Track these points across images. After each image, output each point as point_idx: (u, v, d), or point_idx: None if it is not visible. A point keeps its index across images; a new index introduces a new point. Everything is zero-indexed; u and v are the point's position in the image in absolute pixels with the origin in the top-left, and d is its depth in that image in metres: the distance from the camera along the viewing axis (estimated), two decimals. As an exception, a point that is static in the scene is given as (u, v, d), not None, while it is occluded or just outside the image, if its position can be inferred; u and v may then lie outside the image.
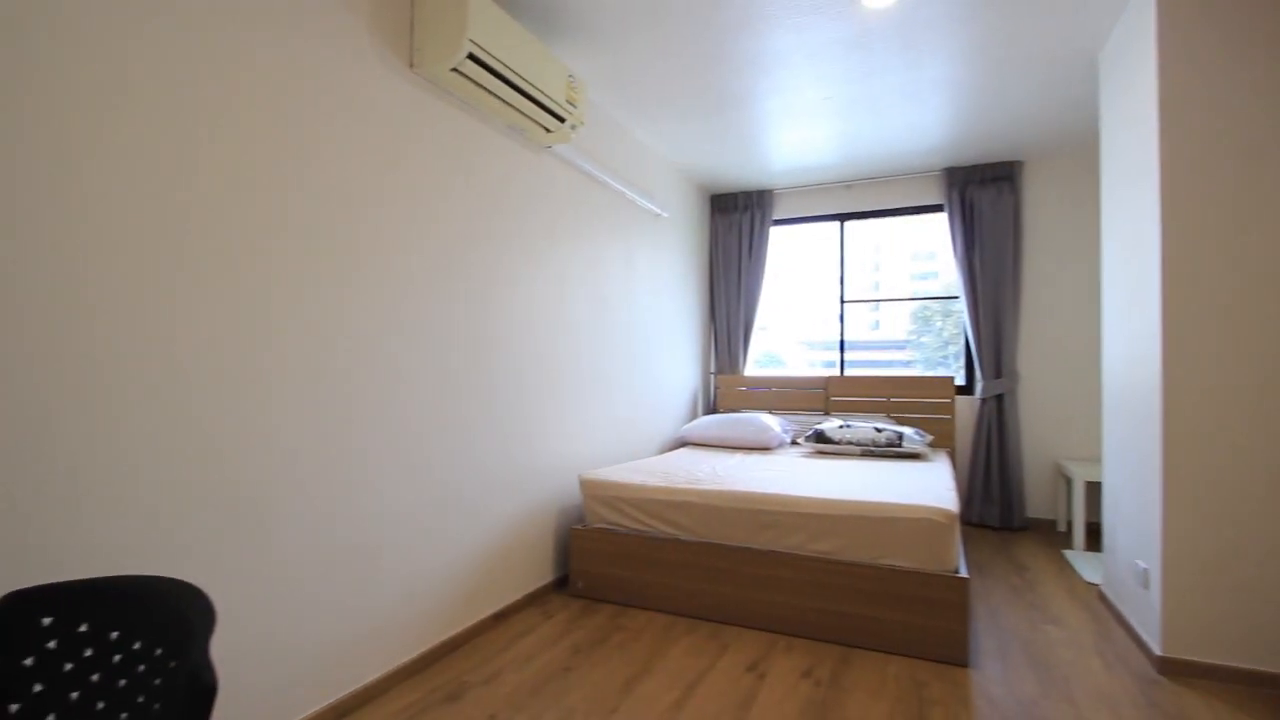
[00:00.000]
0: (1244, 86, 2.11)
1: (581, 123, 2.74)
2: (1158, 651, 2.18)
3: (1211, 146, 2.15)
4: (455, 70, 2.16)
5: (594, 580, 2.83)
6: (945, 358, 4.74)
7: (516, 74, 2.32)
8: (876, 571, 2.34)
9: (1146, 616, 2.30)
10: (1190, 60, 2.17)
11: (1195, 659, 2.13)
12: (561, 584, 3.02)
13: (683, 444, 4.39)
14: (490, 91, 2.33)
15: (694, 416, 4.80)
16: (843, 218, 4.83)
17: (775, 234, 5.06)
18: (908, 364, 4.92)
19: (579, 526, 2.90)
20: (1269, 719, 1.89)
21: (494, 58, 2.19)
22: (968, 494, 4.26)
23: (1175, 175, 2.18)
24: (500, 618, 2.60)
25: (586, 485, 2.90)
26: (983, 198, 4.22)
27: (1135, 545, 2.42)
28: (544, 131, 2.68)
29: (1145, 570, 2.31)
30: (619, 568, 2.78)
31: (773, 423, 4.09)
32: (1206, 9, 2.15)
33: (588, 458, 3.28)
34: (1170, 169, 2.19)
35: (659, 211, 4.00)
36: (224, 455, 1.59)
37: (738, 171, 4.51)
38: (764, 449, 3.99)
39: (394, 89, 2.10)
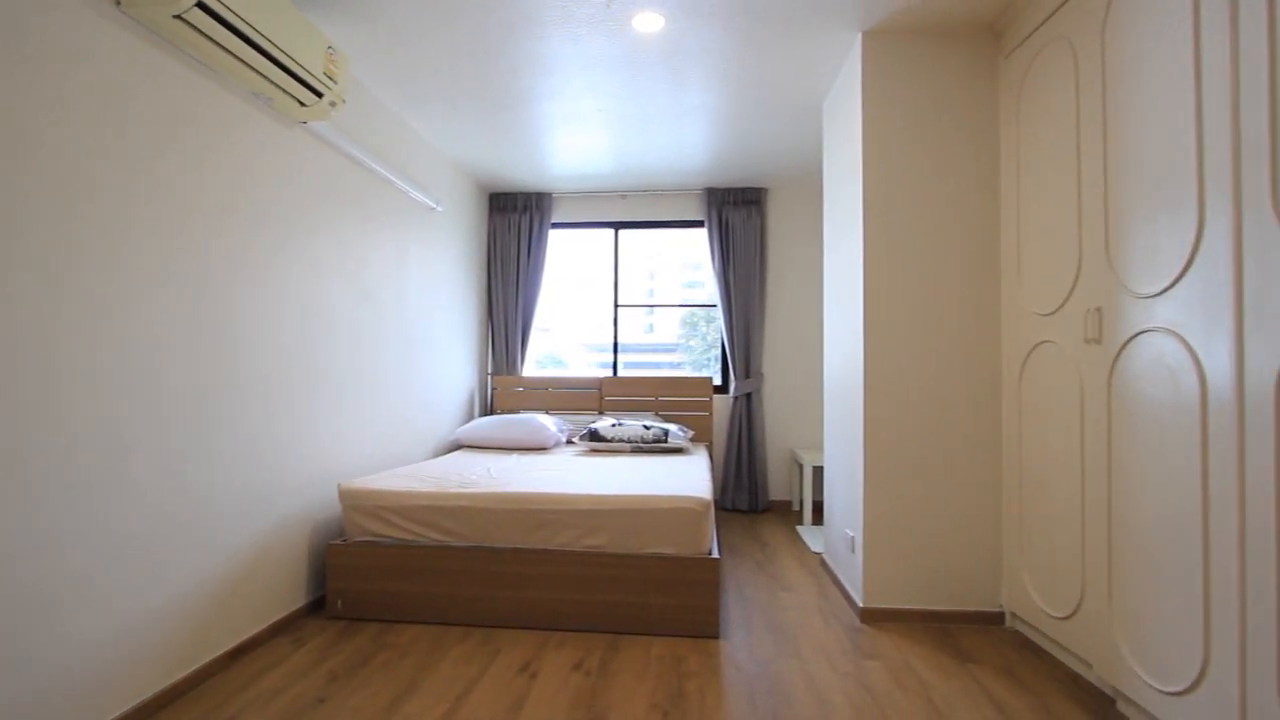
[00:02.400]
0: (920, 142, 2.66)
1: (342, 100, 2.51)
2: (860, 604, 2.64)
3: (898, 190, 2.66)
4: (180, 19, 1.84)
5: (355, 598, 2.61)
6: (709, 360, 5.22)
7: (263, 35, 2.05)
8: (641, 560, 2.49)
9: (853, 576, 2.77)
10: (885, 119, 2.67)
11: (886, 606, 2.62)
12: (318, 606, 2.73)
13: (458, 447, 4.25)
14: (228, 50, 2.02)
15: (471, 418, 4.67)
16: (618, 226, 5.07)
17: (554, 237, 5.14)
18: (678, 365, 5.32)
19: (338, 541, 2.65)
20: (932, 644, 2.39)
21: (231, 11, 1.92)
22: (723, 482, 4.74)
23: (873, 212, 2.66)
24: (238, 653, 2.27)
25: (347, 495, 2.66)
26: (736, 217, 4.73)
27: (846, 517, 2.91)
28: (298, 105, 2.41)
29: (852, 537, 2.78)
30: (384, 582, 2.60)
31: (549, 423, 4.15)
32: (897, 75, 2.66)
33: (350, 465, 3.01)
34: (870, 208, 2.67)
35: (433, 205, 3.82)
36: None
37: (517, 172, 4.49)
38: (540, 449, 4.03)
39: (97, 29, 1.72)
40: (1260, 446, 1.43)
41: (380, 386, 3.30)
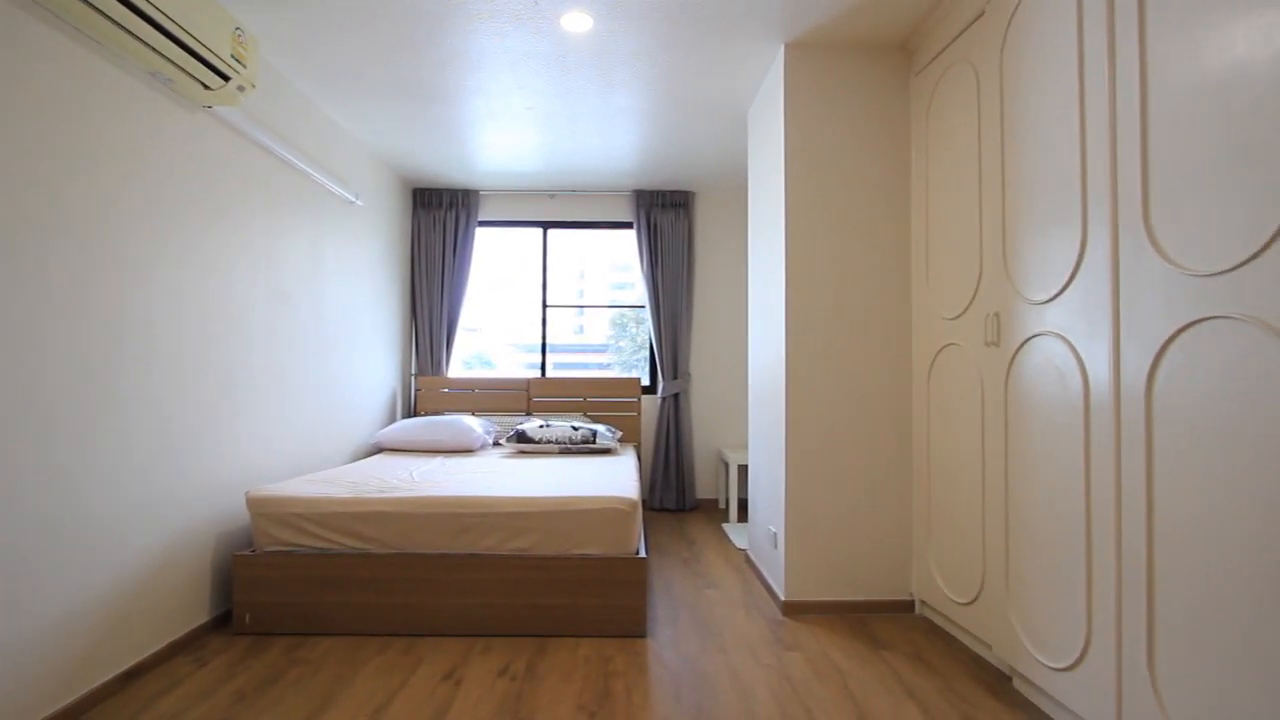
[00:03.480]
0: (839, 152, 2.77)
1: (252, 85, 2.38)
2: (782, 597, 2.72)
3: (818, 198, 2.76)
4: (64, -11, 1.70)
5: (265, 612, 2.47)
6: (639, 360, 5.25)
7: (160, 10, 1.92)
8: (569, 562, 2.48)
9: (776, 570, 2.86)
10: (806, 128, 2.77)
11: (806, 599, 2.72)
12: (223, 622, 2.57)
13: (379, 450, 4.10)
14: (120, 25, 1.88)
15: (394, 420, 4.51)
16: (546, 225, 5.02)
17: (481, 235, 5.05)
18: (608, 366, 5.33)
19: (246, 552, 2.50)
20: (849, 633, 2.50)
21: (126, -14, 1.78)
22: (650, 482, 4.79)
23: (794, 219, 2.76)
24: (133, 675, 2.11)
25: (256, 503, 2.52)
26: (664, 220, 4.79)
27: (769, 514, 2.99)
28: (202, 88, 2.26)
29: (775, 533, 2.87)
30: (298, 594, 2.47)
31: (475, 424, 4.07)
32: (817, 87, 2.77)
33: (262, 472, 2.85)
34: (791, 215, 2.76)
35: (353, 199, 3.67)
36: None
37: (443, 167, 4.38)
38: (466, 451, 3.95)
39: (-42, -6, 1.56)
40: (1133, 442, 1.57)
41: (295, 389, 3.14)
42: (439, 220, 4.79)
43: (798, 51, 2.77)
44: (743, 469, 4.98)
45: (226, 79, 2.27)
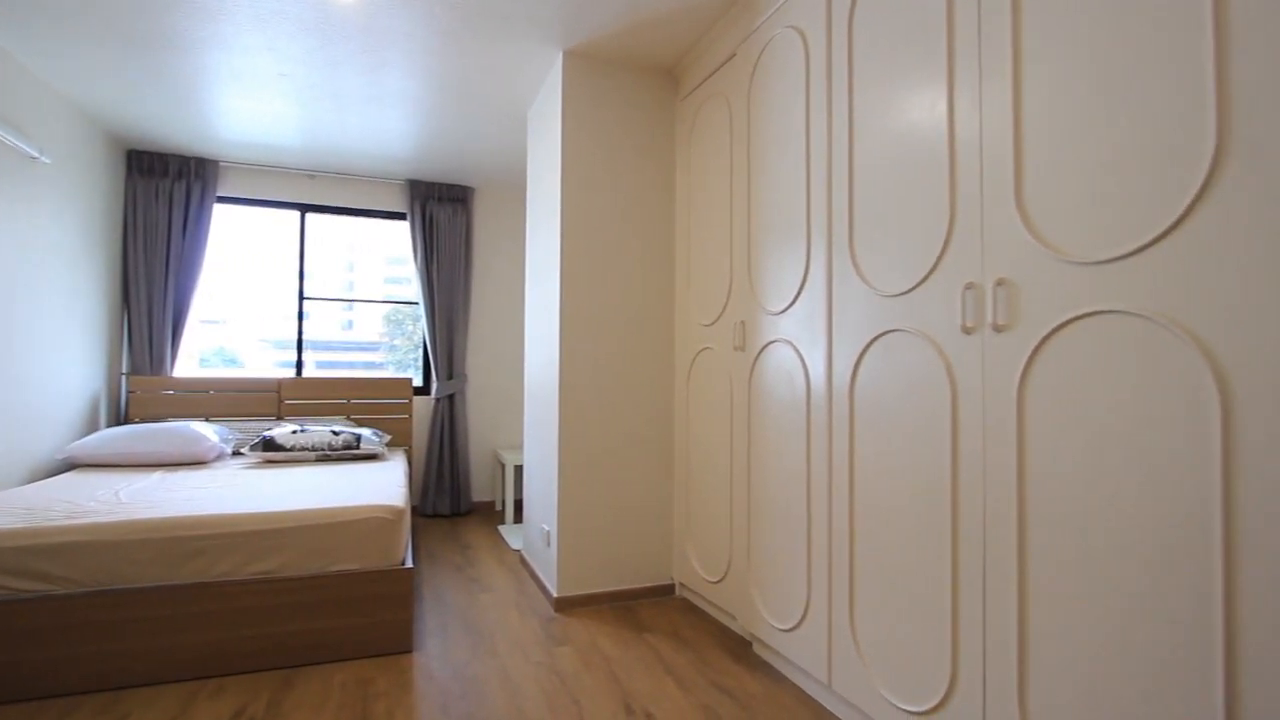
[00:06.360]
0: (613, 162, 2.90)
1: None
2: (555, 594, 2.78)
3: (593, 205, 2.87)
4: None
5: (-121, 687, 1.88)
6: (416, 360, 4.96)
7: None
8: (324, 580, 2.26)
9: (549, 568, 2.90)
10: (582, 136, 2.85)
11: (578, 593, 2.80)
12: None
13: (71, 467, 3.34)
14: None
15: (96, 430, 3.71)
16: (305, 208, 4.52)
17: (223, 213, 4.37)
18: (382, 365, 4.96)
19: None
20: (616, 622, 2.63)
21: None
22: (423, 487, 4.56)
23: (569, 224, 2.83)
24: None
25: None
26: (441, 214, 4.59)
27: (543, 512, 3.03)
28: None
29: (548, 531, 2.91)
30: (-65, 657, 1.92)
31: (208, 431, 3.52)
32: (594, 97, 2.87)
33: (-127, 503, 2.15)
34: (567, 219, 2.83)
35: (35, 154, 2.95)
36: None
37: (170, 129, 3.71)
38: (196, 463, 3.39)
39: None
40: (841, 431, 1.88)
41: (-65, 391, 2.42)
42: (164, 191, 4.04)
43: (576, 60, 2.84)
44: (519, 469, 4.97)
45: None
